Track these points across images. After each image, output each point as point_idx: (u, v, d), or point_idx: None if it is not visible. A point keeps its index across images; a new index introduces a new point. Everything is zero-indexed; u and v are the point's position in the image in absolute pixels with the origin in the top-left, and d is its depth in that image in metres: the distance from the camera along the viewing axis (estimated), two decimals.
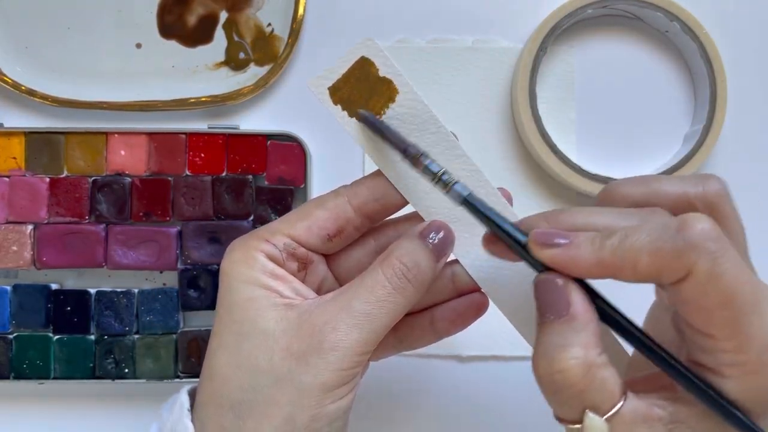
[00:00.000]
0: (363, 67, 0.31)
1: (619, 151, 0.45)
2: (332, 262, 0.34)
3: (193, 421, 0.30)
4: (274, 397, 0.29)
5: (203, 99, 0.44)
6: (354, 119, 0.31)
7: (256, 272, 0.30)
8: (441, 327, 0.34)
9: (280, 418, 0.28)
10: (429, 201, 0.32)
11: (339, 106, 0.31)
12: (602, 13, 0.45)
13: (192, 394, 0.32)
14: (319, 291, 0.33)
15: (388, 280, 0.30)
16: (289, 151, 0.44)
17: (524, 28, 0.45)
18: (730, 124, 0.45)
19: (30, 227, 0.43)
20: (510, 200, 0.33)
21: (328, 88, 0.31)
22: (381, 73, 0.31)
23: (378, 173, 0.32)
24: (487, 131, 0.45)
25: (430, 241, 0.31)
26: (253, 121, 0.45)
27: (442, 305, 0.34)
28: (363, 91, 0.31)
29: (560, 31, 0.44)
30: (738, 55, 0.45)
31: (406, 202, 0.32)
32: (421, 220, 0.32)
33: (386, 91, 0.31)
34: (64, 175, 0.44)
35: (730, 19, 0.46)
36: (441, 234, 0.31)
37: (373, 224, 0.33)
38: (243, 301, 0.30)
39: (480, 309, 0.34)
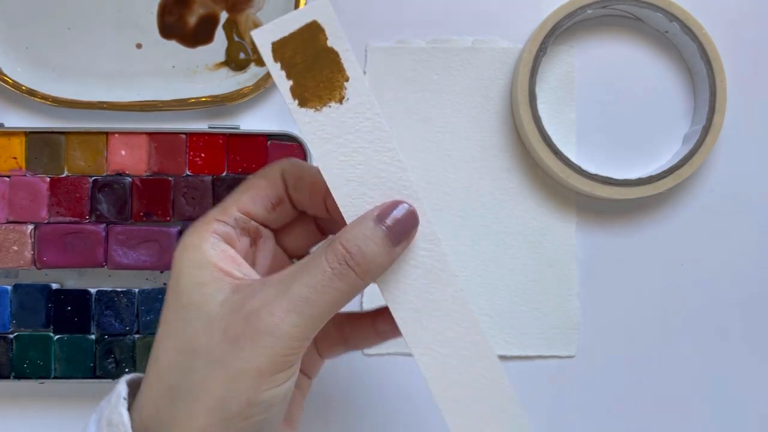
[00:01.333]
0: (312, 32, 0.29)
1: (619, 151, 0.46)
2: (279, 238, 0.33)
3: (131, 409, 0.29)
4: (208, 380, 0.28)
5: (203, 99, 0.44)
6: (290, 81, 0.29)
7: (208, 255, 0.30)
8: (383, 329, 0.33)
9: (213, 402, 0.28)
10: (348, 189, 0.30)
11: (279, 64, 0.29)
12: (602, 13, 0.45)
13: (131, 384, 0.31)
14: (271, 269, 0.33)
15: (329, 264, 0.28)
16: (289, 151, 0.44)
17: (524, 28, 0.45)
18: (729, 125, 0.45)
19: (30, 227, 0.43)
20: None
21: (272, 43, 0.29)
22: (329, 43, 0.29)
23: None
24: (487, 131, 0.45)
25: (386, 223, 0.29)
26: (253, 121, 0.45)
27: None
28: (307, 57, 0.29)
29: (560, 31, 0.44)
30: (738, 56, 0.45)
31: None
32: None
33: (331, 64, 0.29)
34: (64, 175, 0.44)
35: (730, 19, 0.46)
36: (397, 213, 0.29)
37: (301, 197, 0.32)
38: (192, 286, 0.29)
39: None
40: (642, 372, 0.45)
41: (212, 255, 0.30)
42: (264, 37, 0.29)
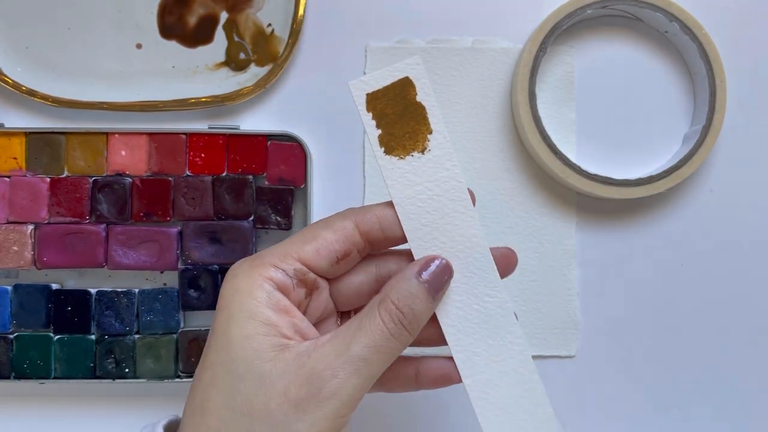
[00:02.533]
0: (403, 87, 0.32)
1: (619, 151, 0.46)
2: (332, 286, 0.33)
3: None
4: None
5: (203, 99, 0.44)
6: (379, 130, 0.32)
7: (260, 305, 0.29)
8: (425, 382, 0.34)
9: None
10: (428, 245, 0.32)
11: (371, 114, 0.32)
12: (602, 13, 0.45)
13: (169, 428, 0.31)
14: (321, 319, 0.33)
15: (386, 324, 0.29)
16: (289, 152, 0.44)
17: (524, 29, 0.45)
18: (729, 125, 0.45)
19: (30, 227, 0.43)
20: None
21: (367, 94, 0.32)
22: (418, 98, 0.32)
23: (387, 204, 0.32)
24: (487, 131, 0.45)
25: (424, 277, 0.31)
26: (253, 121, 0.45)
27: (429, 359, 0.33)
28: (396, 109, 0.32)
29: (560, 32, 0.44)
30: (737, 56, 0.45)
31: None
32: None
33: (417, 117, 0.32)
34: (64, 176, 0.44)
35: (730, 19, 0.46)
36: (434, 267, 0.31)
37: (375, 251, 0.33)
38: (240, 338, 0.29)
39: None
40: (642, 372, 0.45)
41: (266, 305, 0.29)
42: (360, 89, 0.32)
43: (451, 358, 0.32)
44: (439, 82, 0.45)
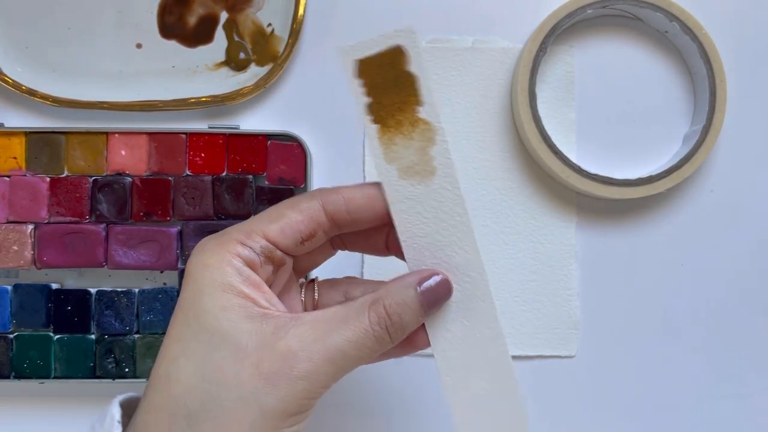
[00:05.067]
0: (395, 55, 0.31)
1: (619, 151, 0.46)
2: (295, 260, 0.33)
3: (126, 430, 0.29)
4: (234, 412, 0.28)
5: (203, 99, 0.44)
6: (369, 98, 0.31)
7: (232, 279, 0.29)
8: (391, 352, 0.34)
9: None
10: (415, 227, 0.31)
11: (360, 82, 0.31)
12: (602, 13, 0.45)
13: (125, 406, 0.30)
14: (283, 293, 0.33)
15: (372, 326, 0.29)
16: (289, 151, 0.44)
17: (524, 28, 0.45)
18: (729, 125, 0.45)
19: (30, 227, 0.43)
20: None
21: (357, 60, 0.31)
22: (409, 68, 0.31)
23: (357, 187, 0.32)
24: (487, 131, 0.45)
25: (421, 289, 0.30)
26: (253, 121, 0.45)
27: None
28: (387, 78, 0.31)
29: (560, 31, 0.44)
30: (737, 56, 0.45)
31: (378, 223, 0.32)
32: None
33: (408, 87, 0.31)
34: (64, 175, 0.44)
35: (730, 19, 0.46)
36: (433, 283, 0.31)
37: (341, 231, 0.33)
38: (216, 310, 0.29)
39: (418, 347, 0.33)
40: (642, 372, 0.45)
41: (236, 279, 0.29)
42: (349, 54, 0.31)
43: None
44: (439, 82, 0.45)
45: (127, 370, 0.43)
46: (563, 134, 0.45)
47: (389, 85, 0.31)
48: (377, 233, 0.33)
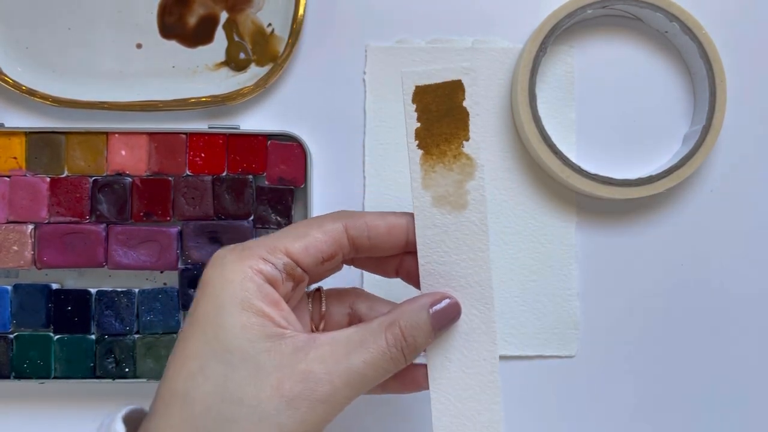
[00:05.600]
0: (453, 88, 0.32)
1: (619, 151, 0.46)
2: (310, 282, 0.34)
3: None
4: None
5: (204, 99, 0.44)
6: (419, 123, 0.32)
7: (253, 296, 0.29)
8: (392, 386, 0.34)
9: None
10: (436, 253, 0.32)
11: (414, 107, 0.32)
12: (602, 13, 0.45)
13: (127, 421, 0.30)
14: (298, 307, 0.33)
15: (389, 347, 0.30)
16: (289, 151, 0.44)
17: (524, 29, 0.45)
18: (729, 125, 0.45)
19: (30, 227, 0.43)
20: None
21: (417, 86, 0.32)
22: (465, 103, 0.32)
23: (381, 215, 0.32)
24: (487, 131, 0.45)
25: (433, 311, 0.31)
26: (253, 121, 0.45)
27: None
28: (441, 108, 0.32)
29: (560, 32, 0.44)
30: (737, 56, 0.45)
31: (394, 252, 0.33)
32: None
33: (458, 122, 0.32)
34: (64, 175, 0.44)
35: (730, 19, 0.46)
36: (444, 305, 0.32)
37: (357, 255, 0.33)
38: (236, 328, 0.29)
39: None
40: (642, 372, 0.45)
41: (257, 297, 0.29)
42: (410, 78, 0.32)
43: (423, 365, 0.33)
44: None
45: (127, 370, 0.43)
46: (563, 134, 0.45)
47: (442, 115, 0.32)
48: (391, 260, 0.34)
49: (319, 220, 0.32)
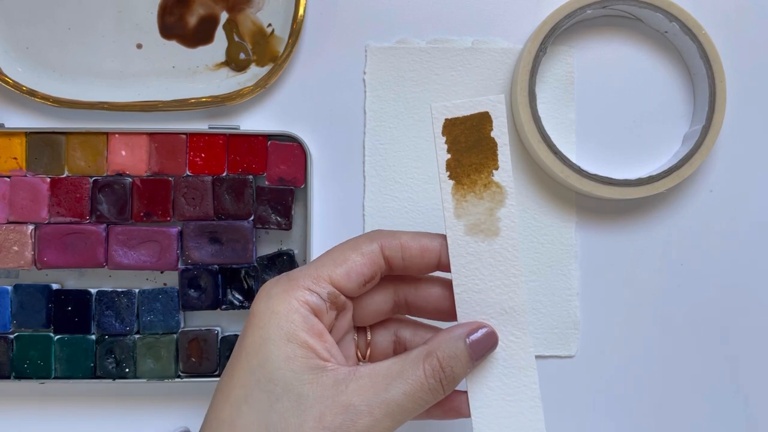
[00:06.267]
0: (481, 120, 0.33)
1: (619, 151, 0.46)
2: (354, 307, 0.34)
3: None
4: None
5: (204, 99, 0.44)
6: (449, 155, 0.33)
7: (298, 328, 0.30)
8: (435, 413, 0.35)
9: None
10: (471, 281, 0.33)
11: (444, 139, 0.33)
12: (602, 13, 0.45)
13: None
14: (341, 336, 0.34)
15: (427, 379, 0.30)
16: (289, 152, 0.44)
17: (524, 29, 0.45)
18: (729, 125, 0.45)
19: (31, 227, 0.43)
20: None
21: (446, 119, 0.33)
22: (492, 133, 0.33)
23: (414, 235, 0.33)
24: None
25: (470, 341, 0.32)
26: (253, 121, 0.45)
27: None
28: (470, 139, 0.33)
29: (560, 32, 0.44)
30: (737, 56, 0.46)
31: (426, 272, 0.34)
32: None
33: (487, 151, 0.33)
34: (64, 176, 0.44)
35: (730, 19, 0.46)
36: (480, 335, 0.32)
37: (391, 273, 0.34)
38: (280, 360, 0.30)
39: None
40: (641, 372, 0.45)
41: (302, 328, 0.30)
42: (441, 112, 0.33)
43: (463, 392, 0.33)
44: (438, 82, 0.45)
45: (127, 370, 0.43)
46: (563, 134, 0.45)
47: (471, 146, 0.33)
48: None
49: (354, 242, 0.33)
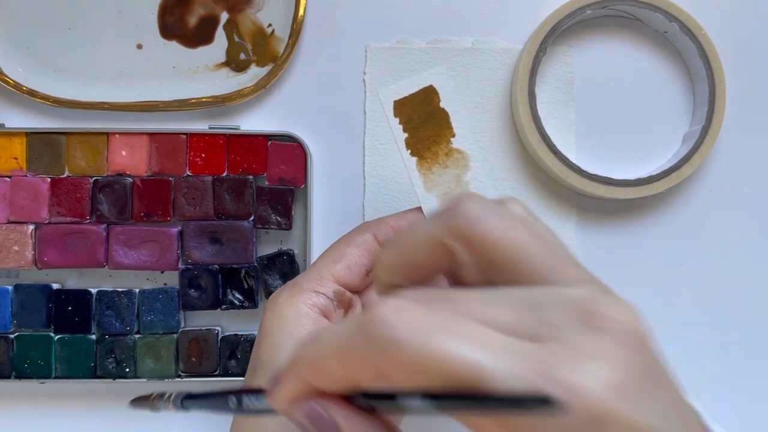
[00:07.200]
0: (428, 94, 0.33)
1: (618, 151, 0.46)
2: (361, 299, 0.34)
3: None
4: None
5: (204, 99, 0.44)
6: (406, 134, 0.33)
7: (308, 333, 0.30)
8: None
9: None
10: None
11: (398, 120, 0.33)
12: (602, 13, 0.45)
13: None
14: None
15: None
16: (289, 152, 0.44)
17: (524, 29, 0.45)
18: (728, 125, 0.45)
19: (31, 227, 0.43)
20: None
21: (395, 101, 0.33)
22: (441, 104, 0.33)
23: (400, 214, 0.33)
24: (487, 131, 0.45)
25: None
26: (253, 121, 0.45)
27: None
28: (422, 114, 0.33)
29: (560, 32, 0.44)
30: (737, 56, 0.46)
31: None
32: None
33: (441, 122, 0.33)
34: (65, 176, 0.44)
35: (729, 19, 0.46)
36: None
37: None
38: None
39: None
40: None
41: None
42: (388, 96, 0.33)
43: None
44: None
45: (127, 370, 0.43)
46: (563, 134, 0.45)
47: (424, 120, 0.33)
48: None
49: (347, 238, 0.33)
